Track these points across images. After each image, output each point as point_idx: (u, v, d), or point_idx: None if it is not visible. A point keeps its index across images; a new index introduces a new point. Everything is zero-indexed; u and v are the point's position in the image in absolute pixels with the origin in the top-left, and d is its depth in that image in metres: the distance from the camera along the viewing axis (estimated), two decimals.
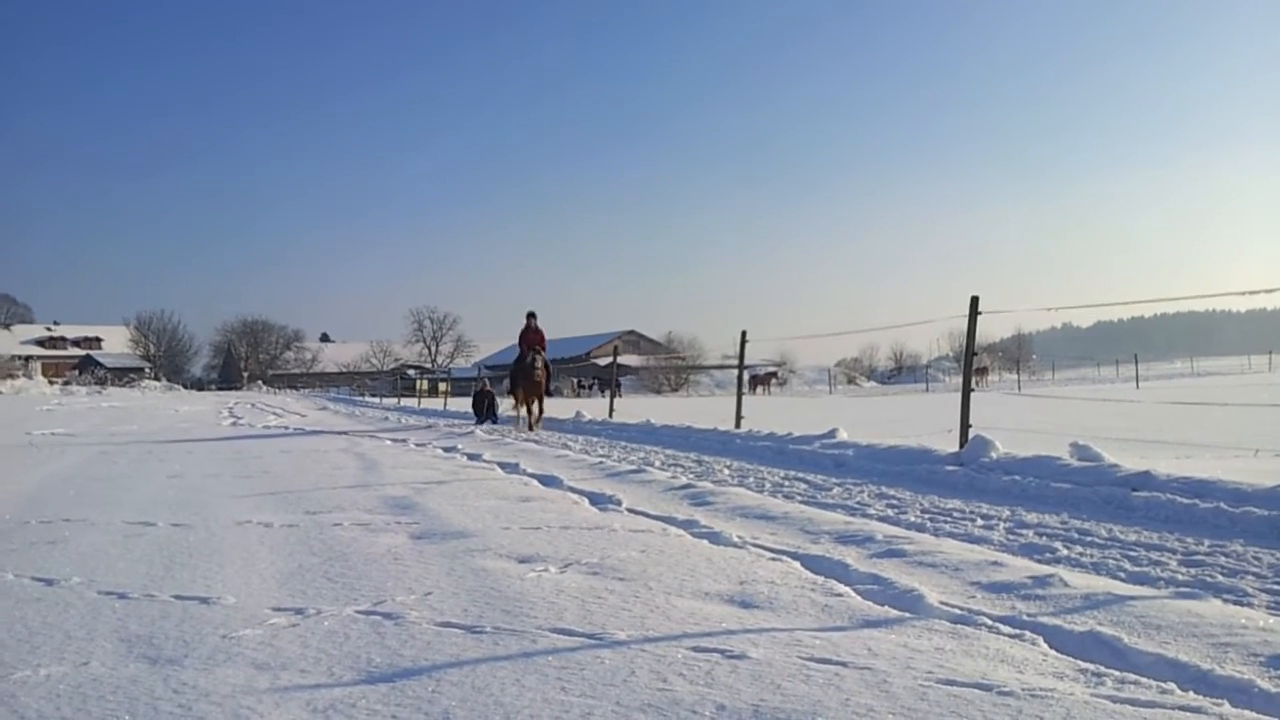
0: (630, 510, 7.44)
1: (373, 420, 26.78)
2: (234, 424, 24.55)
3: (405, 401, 48.03)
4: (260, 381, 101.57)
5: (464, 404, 38.52)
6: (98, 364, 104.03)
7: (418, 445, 15.42)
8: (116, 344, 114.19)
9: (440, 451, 13.89)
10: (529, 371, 18.83)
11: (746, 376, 19.96)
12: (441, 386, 60.81)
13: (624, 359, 68.53)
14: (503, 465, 11.23)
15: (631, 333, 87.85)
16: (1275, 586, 4.59)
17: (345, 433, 19.55)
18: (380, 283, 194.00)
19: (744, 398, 16.74)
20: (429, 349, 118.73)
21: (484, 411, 22.57)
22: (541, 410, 19.28)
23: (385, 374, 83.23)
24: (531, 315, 19.26)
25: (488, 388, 23.29)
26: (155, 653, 3.74)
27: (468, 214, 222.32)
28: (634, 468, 10.60)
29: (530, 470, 10.49)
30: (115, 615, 4.36)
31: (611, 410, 21.94)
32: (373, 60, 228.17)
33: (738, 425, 15.24)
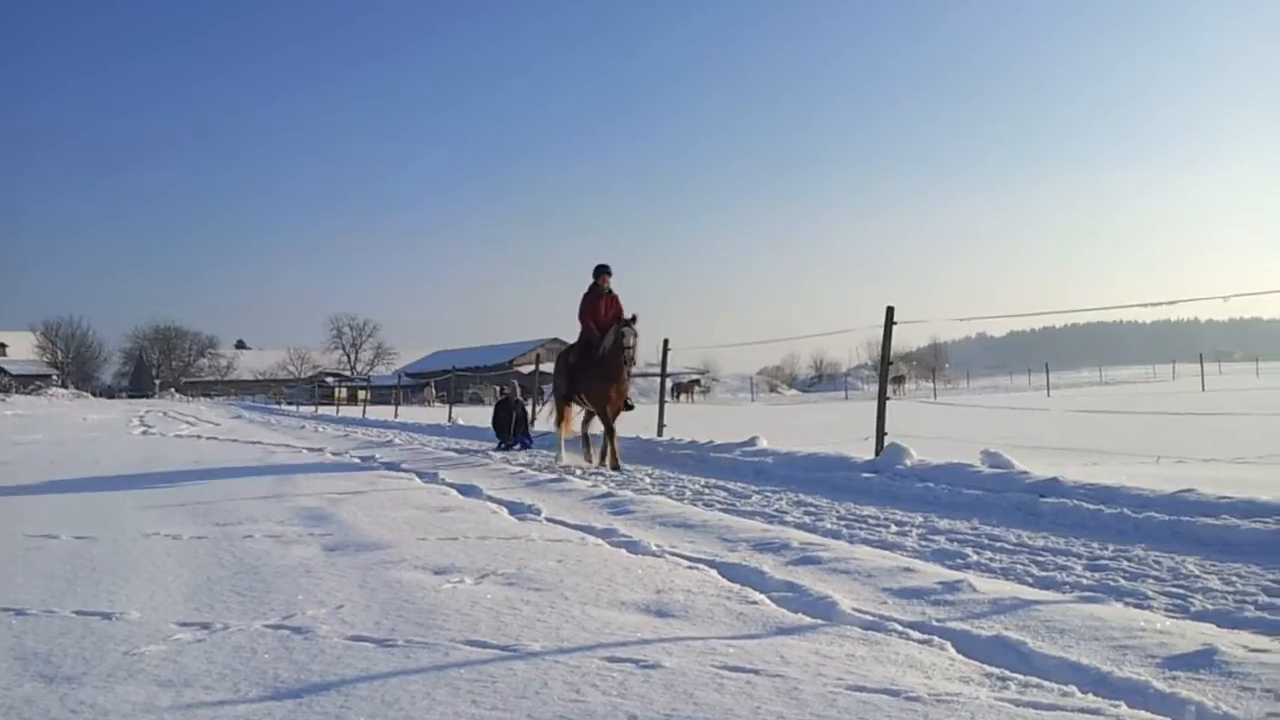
0: (549, 519, 7.40)
1: (289, 429, 26.27)
2: (144, 433, 23.89)
3: (323, 410, 47.19)
4: (173, 389, 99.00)
5: (382, 412, 38.03)
6: (1, 371, 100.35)
7: (334, 455, 15.16)
8: (22, 350, 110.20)
9: (357, 461, 13.68)
10: (610, 365, 11.81)
11: (669, 384, 19.99)
12: (361, 394, 59.95)
13: (548, 367, 68.35)
14: (421, 475, 11.10)
15: (555, 340, 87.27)
16: (1174, 589, 4.73)
17: (259, 442, 19.14)
18: (300, 289, 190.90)
19: (666, 405, 16.78)
20: (348, 356, 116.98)
21: (511, 431, 16.00)
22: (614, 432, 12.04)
23: (303, 382, 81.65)
24: (604, 272, 12.42)
25: (516, 396, 16.45)
26: (53, 671, 3.61)
27: (390, 221, 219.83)
28: (554, 476, 10.55)
29: (448, 479, 10.38)
30: (11, 633, 4.20)
31: (533, 418, 21.82)
32: (285, 70, 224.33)
33: (659, 433, 15.25)
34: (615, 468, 11.49)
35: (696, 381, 65.92)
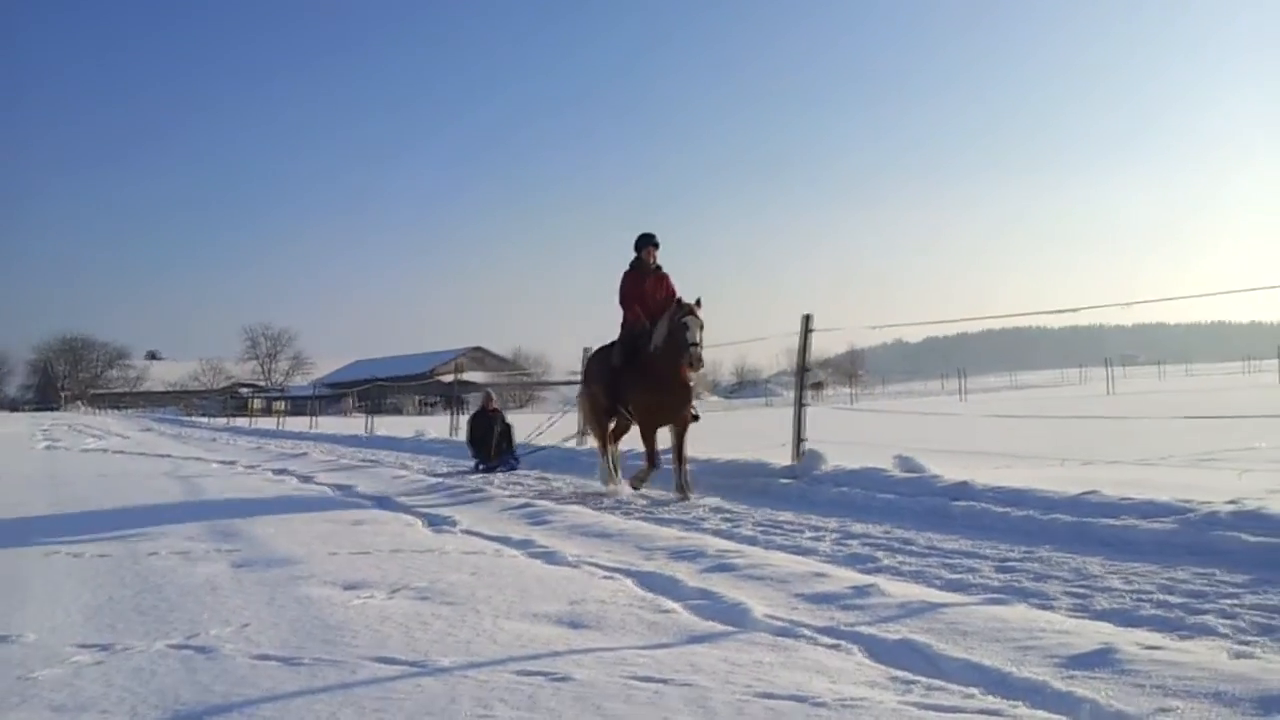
0: (465, 531, 7.33)
1: (201, 442, 25.65)
2: (49, 447, 23.14)
3: (237, 422, 46.19)
4: (81, 402, 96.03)
5: (299, 424, 37.30)
6: None
7: (247, 468, 14.85)
8: None
9: (270, 474, 13.40)
10: (666, 366, 9.22)
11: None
12: (277, 406, 58.78)
13: (470, 376, 67.69)
14: (336, 488, 10.92)
15: (478, 349, 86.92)
16: (1077, 590, 4.85)
17: (169, 455, 18.65)
18: (215, 298, 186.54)
19: None
20: (264, 367, 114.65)
21: (492, 450, 13.31)
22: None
23: (216, 393, 79.82)
24: (648, 243, 9.99)
25: (494, 405, 13.93)
26: None
27: (309, 229, 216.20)
28: (472, 487, 10.46)
29: (365, 491, 10.23)
30: None
31: (453, 428, 21.63)
32: (199, 81, 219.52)
33: (580, 442, 15.23)
34: (682, 491, 9.15)
35: None
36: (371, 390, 37.42)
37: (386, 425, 29.54)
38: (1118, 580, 5.03)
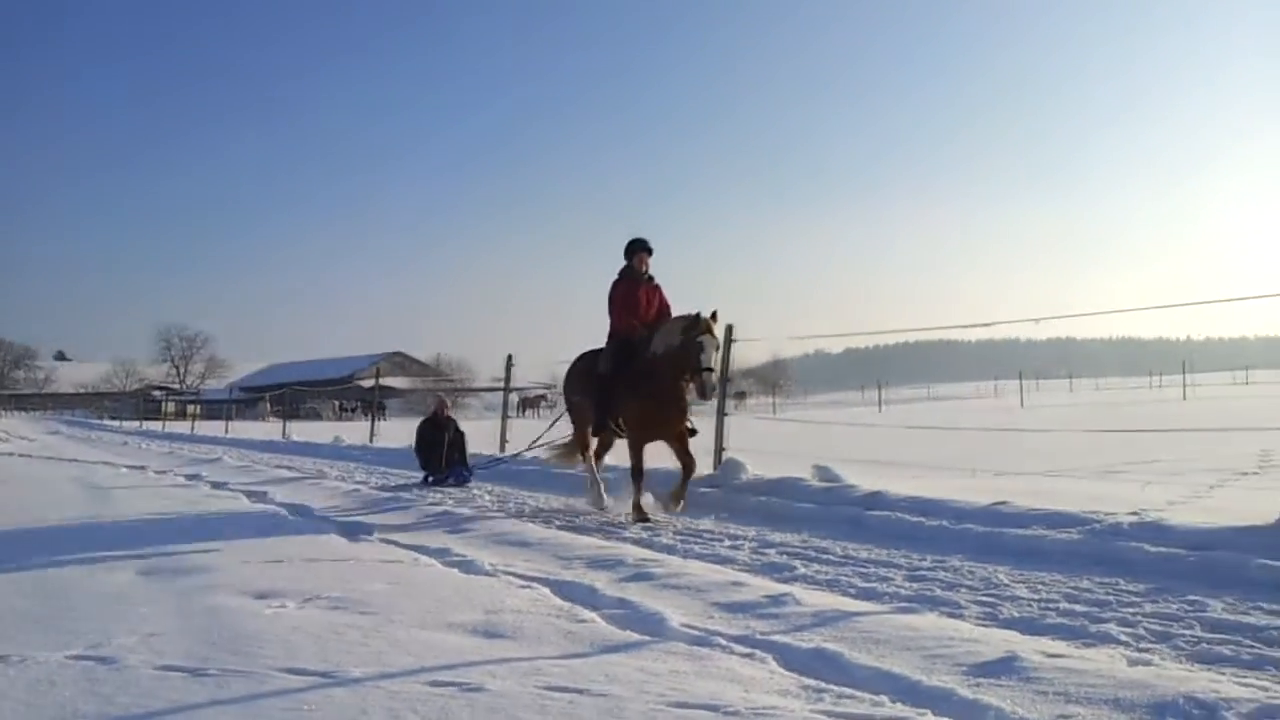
0: (382, 540, 7.24)
1: (111, 446, 24.93)
2: None
3: (149, 425, 44.98)
4: None
5: (213, 428, 36.47)
6: None
7: (158, 473, 14.48)
8: None
9: (182, 480, 13.08)
10: (665, 378, 8.41)
11: (516, 399, 19.83)
12: (190, 409, 57.40)
13: (391, 381, 66.91)
14: (250, 494, 10.69)
15: (399, 354, 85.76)
16: (985, 598, 4.96)
17: (77, 459, 18.09)
18: (127, 298, 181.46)
19: (513, 421, 16.68)
20: (178, 369, 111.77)
21: (444, 459, 12.13)
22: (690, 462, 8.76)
23: (128, 396, 77.61)
24: (640, 249, 9.26)
25: (447, 411, 12.91)
26: None
27: (226, 229, 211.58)
28: (391, 495, 10.34)
29: (279, 498, 10.04)
30: None
31: (373, 434, 21.35)
32: (120, 81, 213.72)
33: (502, 449, 15.15)
34: (676, 504, 8.44)
35: (543, 396, 65.64)
36: (288, 394, 36.67)
37: (304, 431, 29.01)
38: (1025, 589, 5.15)
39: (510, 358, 16.15)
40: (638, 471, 8.56)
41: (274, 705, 3.33)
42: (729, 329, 10.99)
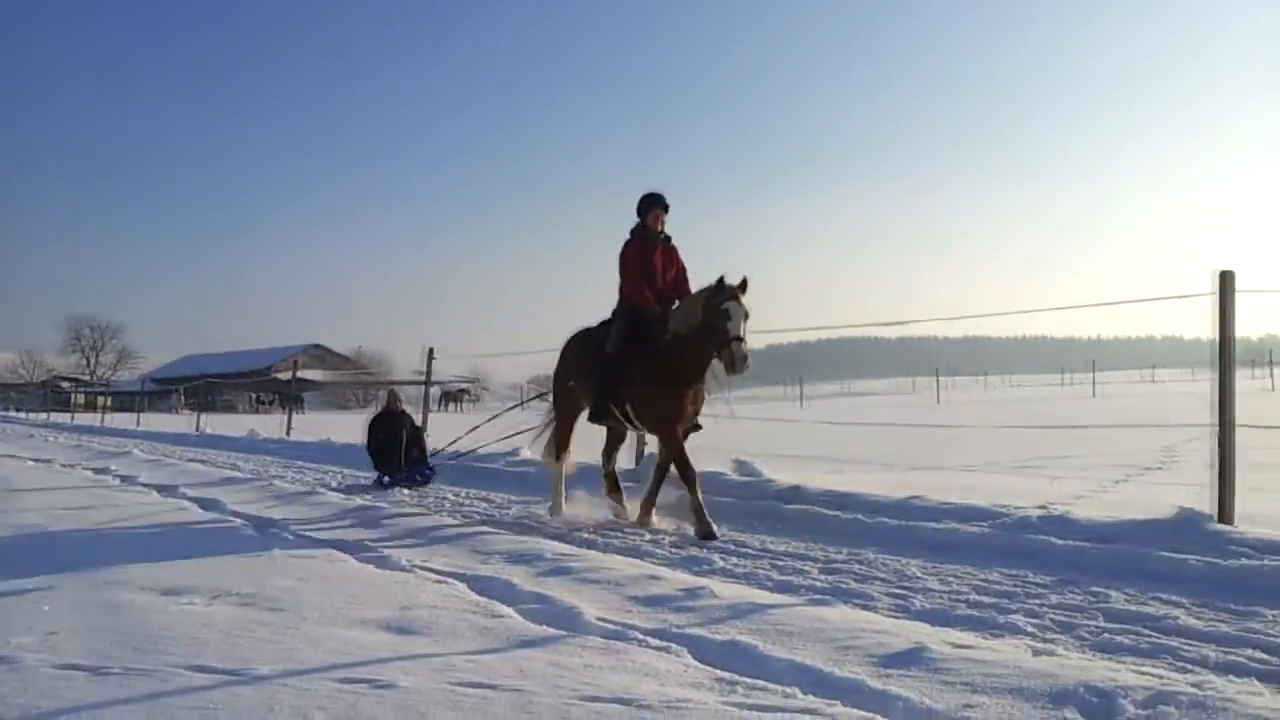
0: (296, 535, 7.11)
1: (15, 439, 24.11)
2: None
3: (57, 417, 43.60)
4: None
5: (124, 421, 35.44)
6: None
7: (65, 466, 14.04)
8: None
9: (90, 473, 12.70)
10: (686, 359, 7.38)
11: (438, 393, 19.61)
12: (101, 401, 55.75)
13: (309, 374, 65.67)
14: (159, 489, 10.41)
15: (317, 346, 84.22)
16: (898, 591, 5.05)
17: None
18: (34, 286, 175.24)
19: (434, 415, 16.50)
20: (88, 360, 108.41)
21: (402, 458, 11.19)
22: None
23: (35, 386, 75.09)
24: (656, 205, 7.98)
25: (399, 406, 11.86)
26: None
27: (137, 215, 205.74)
28: (306, 489, 10.17)
29: (190, 493, 9.79)
30: None
31: (289, 428, 20.96)
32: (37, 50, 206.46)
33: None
34: (707, 534, 6.88)
35: (465, 390, 65.15)
36: (202, 387, 35.81)
37: (218, 423, 28.37)
38: (936, 581, 5.25)
39: (431, 350, 15.97)
40: (684, 464, 7.29)
41: (178, 704, 3.24)
42: None
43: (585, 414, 8.23)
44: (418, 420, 12.79)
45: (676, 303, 7.73)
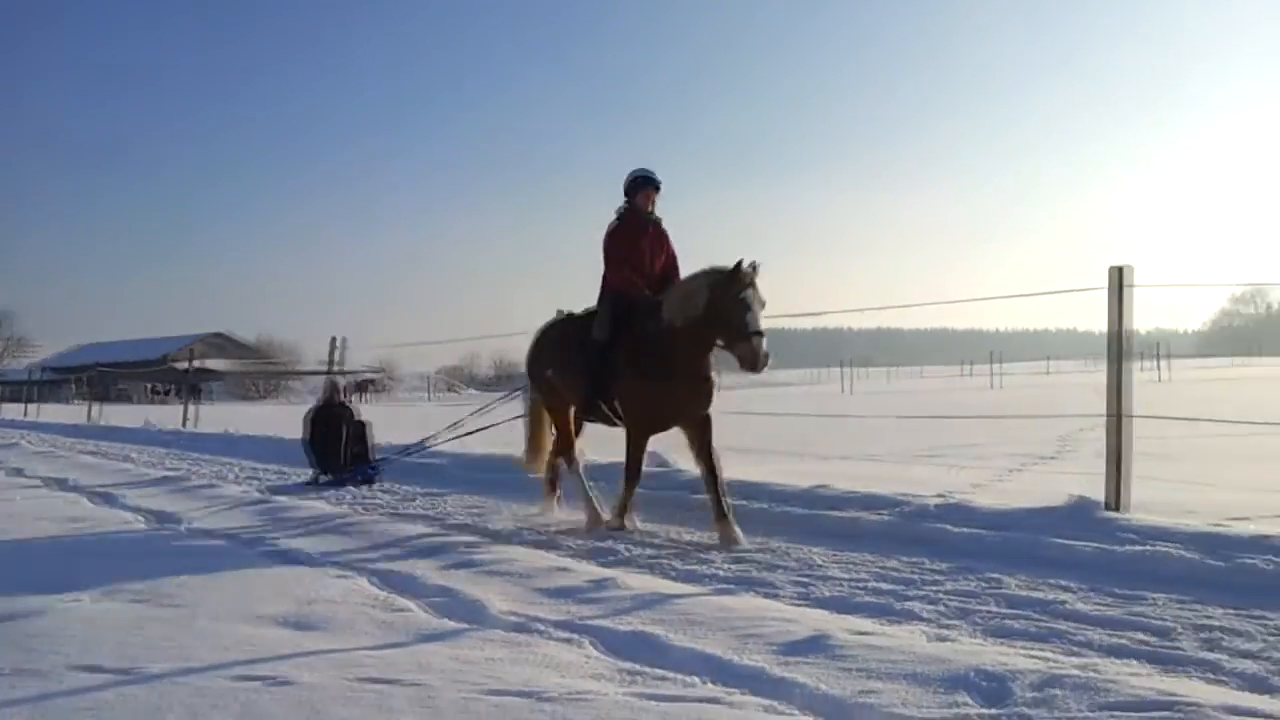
0: (192, 529, 6.93)
1: None
2: None
3: None
4: None
5: (13, 411, 34.09)
6: None
7: None
8: None
9: None
10: (683, 347, 6.69)
11: (345, 383, 19.15)
12: None
13: (211, 363, 64.04)
14: (48, 481, 10.06)
15: (219, 335, 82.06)
16: (801, 579, 5.11)
17: None
18: None
19: None
20: None
21: (344, 455, 10.28)
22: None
23: None
24: (647, 185, 7.26)
25: (341, 398, 11.02)
26: None
27: (32, 196, 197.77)
28: (205, 482, 9.91)
29: (82, 486, 9.47)
30: None
31: (187, 419, 20.42)
32: None
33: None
34: (618, 528, 6.82)
35: (372, 380, 64.21)
36: (97, 376, 34.68)
37: (113, 414, 27.48)
38: (839, 569, 5.34)
39: (334, 340, 15.68)
40: (635, 469, 6.90)
41: (68, 704, 3.14)
42: (559, 315, 10.93)
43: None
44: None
45: (676, 292, 6.82)
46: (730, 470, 8.34)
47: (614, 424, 7.21)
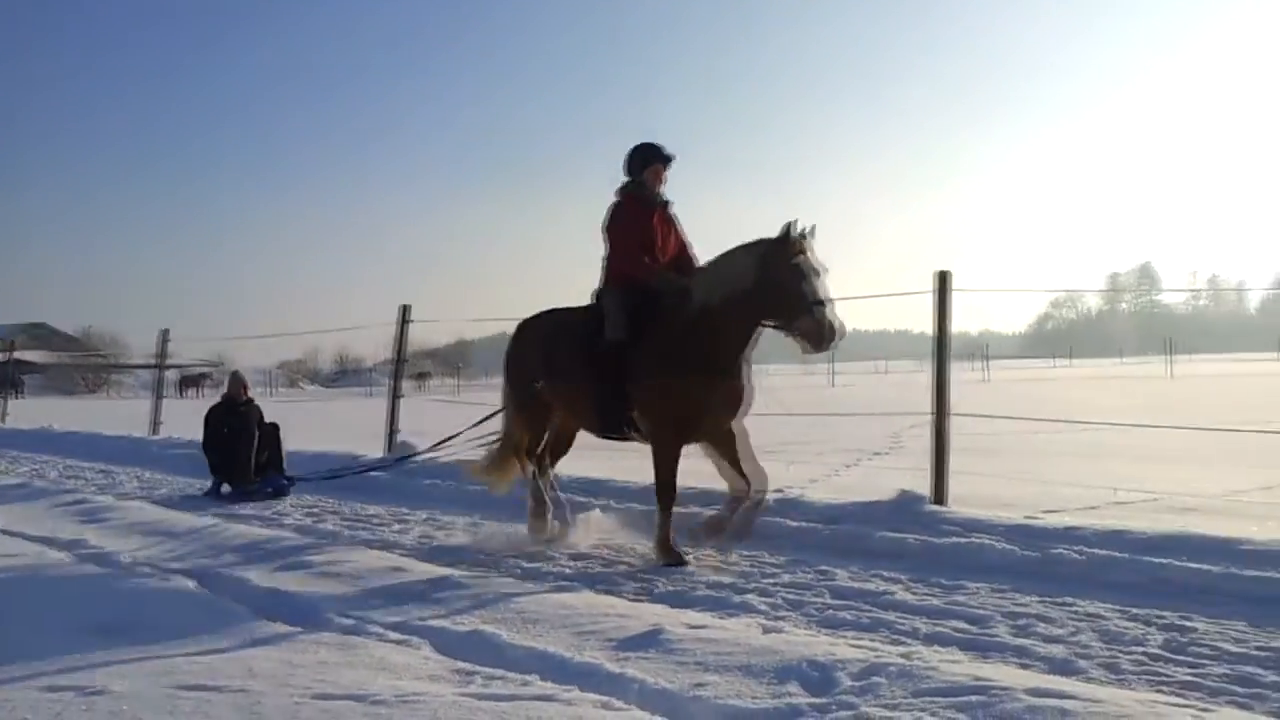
0: (4, 531, 6.50)
1: None
2: None
3: None
4: None
5: None
6: None
7: None
8: None
9: None
10: (723, 337, 5.71)
11: (178, 377, 18.41)
12: None
13: (29, 355, 60.26)
14: None
15: (40, 325, 77.39)
16: (641, 575, 5.18)
17: None
18: None
19: (170, 401, 15.54)
20: None
21: (251, 463, 8.81)
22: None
23: None
24: (655, 159, 6.22)
25: (246, 395, 9.42)
26: None
27: None
28: (19, 481, 9.34)
29: None
30: None
31: (4, 415, 19.17)
32: None
33: (155, 431, 14.08)
34: (678, 562, 5.51)
35: (207, 374, 61.61)
36: None
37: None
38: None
39: (165, 332, 15.02)
40: (669, 488, 5.76)
41: None
42: (404, 309, 10.78)
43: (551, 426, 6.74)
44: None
45: (705, 273, 5.90)
46: (573, 468, 8.33)
47: (629, 438, 6.11)
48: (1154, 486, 7.43)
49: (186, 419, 19.12)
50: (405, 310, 10.81)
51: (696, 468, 6.18)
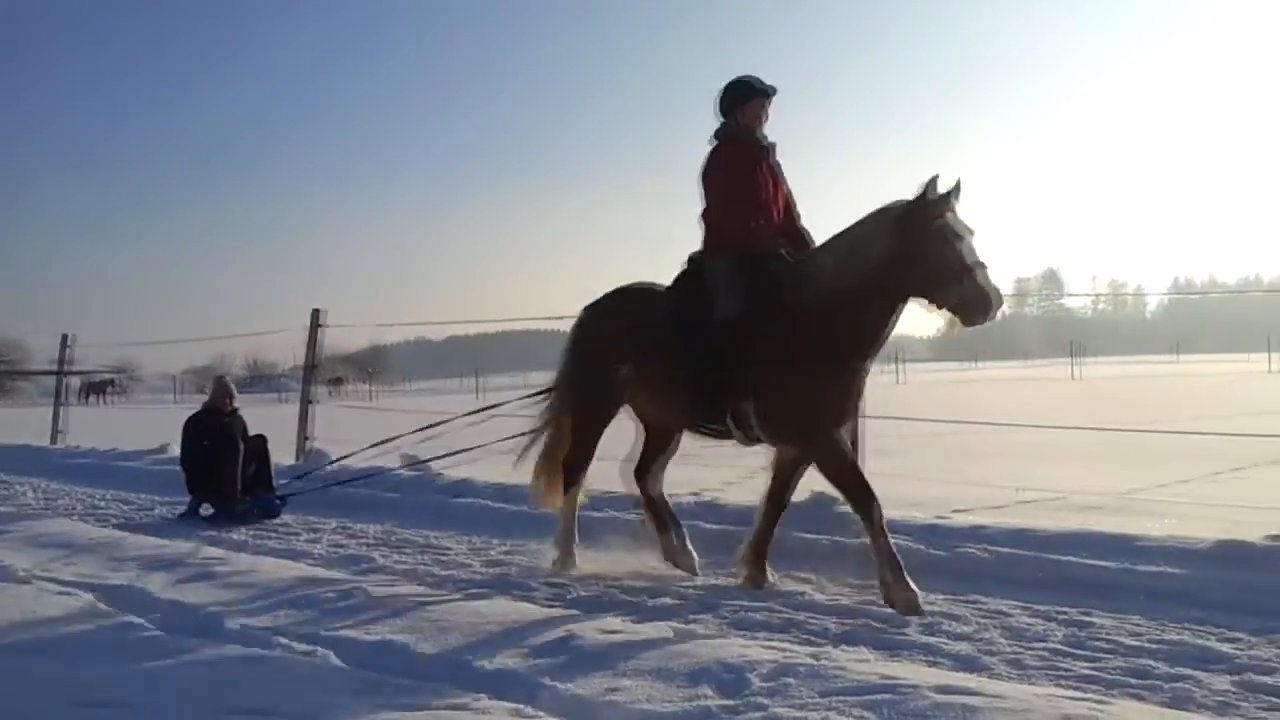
0: None
1: None
2: None
3: None
4: None
5: None
6: None
7: None
8: None
9: None
10: (859, 317, 4.81)
11: (79, 384, 17.80)
12: None
13: None
14: None
15: None
16: (556, 581, 5.16)
17: None
18: None
19: (73, 409, 15.06)
20: None
21: (239, 481, 7.81)
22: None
23: None
24: (754, 94, 5.17)
25: (231, 404, 8.46)
26: None
27: None
28: None
29: None
30: None
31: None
32: None
33: (54, 440, 13.62)
34: (912, 607, 4.42)
35: (111, 381, 59.76)
36: None
37: None
38: (595, 570, 5.41)
39: (66, 337, 14.55)
40: (862, 483, 4.83)
41: None
42: (316, 313, 10.60)
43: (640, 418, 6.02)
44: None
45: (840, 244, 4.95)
46: (488, 475, 8.26)
47: (727, 437, 5.39)
48: (1058, 486, 7.65)
49: (92, 428, 18.58)
50: (317, 314, 10.63)
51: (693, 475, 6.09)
